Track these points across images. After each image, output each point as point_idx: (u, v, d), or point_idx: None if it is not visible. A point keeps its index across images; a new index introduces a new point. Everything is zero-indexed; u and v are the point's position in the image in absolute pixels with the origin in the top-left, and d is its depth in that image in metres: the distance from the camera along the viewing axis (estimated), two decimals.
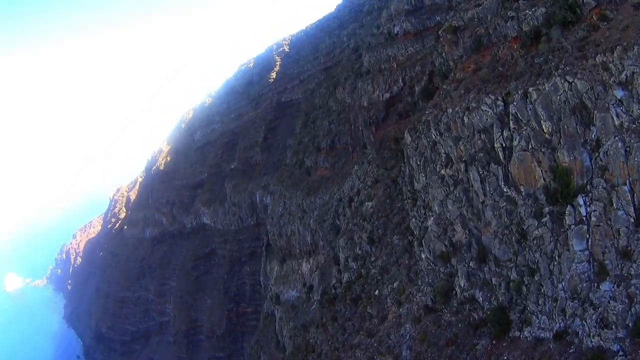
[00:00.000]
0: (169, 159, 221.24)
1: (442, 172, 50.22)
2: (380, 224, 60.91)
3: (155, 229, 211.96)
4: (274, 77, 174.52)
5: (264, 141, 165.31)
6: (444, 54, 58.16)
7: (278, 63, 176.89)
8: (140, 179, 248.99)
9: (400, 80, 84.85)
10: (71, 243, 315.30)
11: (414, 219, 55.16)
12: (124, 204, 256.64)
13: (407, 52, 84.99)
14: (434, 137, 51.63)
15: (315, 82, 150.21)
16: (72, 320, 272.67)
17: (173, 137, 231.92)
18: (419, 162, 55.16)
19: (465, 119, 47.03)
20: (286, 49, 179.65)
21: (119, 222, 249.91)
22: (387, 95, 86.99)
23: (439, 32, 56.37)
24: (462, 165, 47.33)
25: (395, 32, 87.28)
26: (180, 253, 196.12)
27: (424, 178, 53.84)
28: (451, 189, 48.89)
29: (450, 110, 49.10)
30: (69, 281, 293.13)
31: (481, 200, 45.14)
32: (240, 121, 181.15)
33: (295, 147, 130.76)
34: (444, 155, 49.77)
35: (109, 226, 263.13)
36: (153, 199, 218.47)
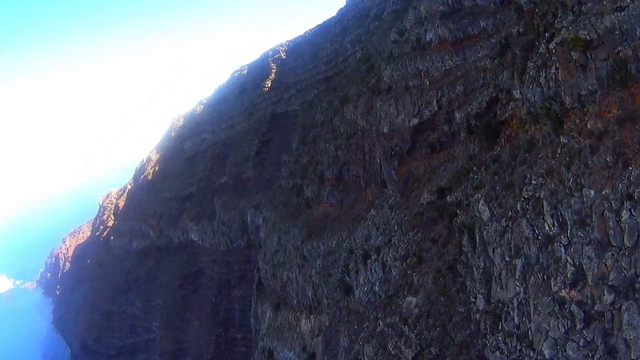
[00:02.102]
0: (157, 168, 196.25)
1: (563, 293, 26.49)
2: (433, 338, 36.77)
3: (142, 241, 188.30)
4: (269, 85, 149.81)
5: (256, 155, 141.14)
6: (542, 80, 34.05)
7: (274, 70, 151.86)
8: (129, 186, 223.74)
9: (435, 102, 60.83)
10: (60, 248, 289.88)
11: (498, 352, 31.29)
12: (112, 212, 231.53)
13: (444, 66, 60.92)
14: (548, 229, 27.86)
15: (314, 93, 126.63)
16: (61, 326, 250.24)
17: (162, 146, 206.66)
18: (508, 259, 31.44)
19: (624, 215, 23.54)
20: (282, 55, 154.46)
21: (107, 230, 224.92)
22: (416, 120, 63.01)
23: (550, 47, 32.21)
24: (609, 295, 23.81)
25: (428, 39, 63.09)
26: (167, 269, 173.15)
27: (519, 288, 30.06)
28: (579, 325, 25.30)
29: (592, 192, 25.42)
30: (58, 286, 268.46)
31: (634, 357, 22.11)
32: (232, 132, 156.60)
33: (291, 167, 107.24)
34: (572, 267, 25.95)
35: (97, 233, 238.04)
36: (140, 209, 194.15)
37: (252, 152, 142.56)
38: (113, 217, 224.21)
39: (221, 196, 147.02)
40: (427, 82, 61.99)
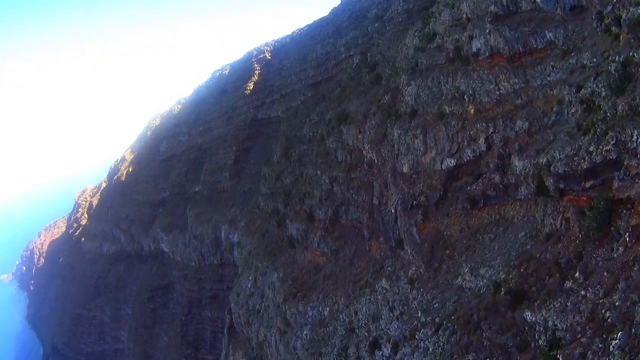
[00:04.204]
0: (131, 169, 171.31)
1: None
2: None
3: (112, 245, 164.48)
4: (251, 88, 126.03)
5: (234, 164, 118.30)
6: None
7: (257, 72, 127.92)
8: (104, 184, 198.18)
9: (482, 139, 38.69)
10: (35, 242, 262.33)
11: None
12: (86, 209, 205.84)
13: (498, 89, 38.64)
14: None
15: (301, 100, 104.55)
16: (34, 323, 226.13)
17: (137, 145, 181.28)
18: None
19: None
20: (267, 56, 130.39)
21: (80, 229, 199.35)
22: (452, 161, 40.86)
23: None
24: None
25: (474, 49, 40.74)
26: (137, 278, 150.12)
27: None
28: None
29: None
30: (32, 281, 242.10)
31: None
32: (209, 136, 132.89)
33: (272, 184, 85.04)
34: None
35: (70, 231, 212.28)
36: (112, 212, 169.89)
37: (229, 160, 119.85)
38: (87, 215, 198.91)
39: (194, 207, 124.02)
40: (472, 110, 39.80)
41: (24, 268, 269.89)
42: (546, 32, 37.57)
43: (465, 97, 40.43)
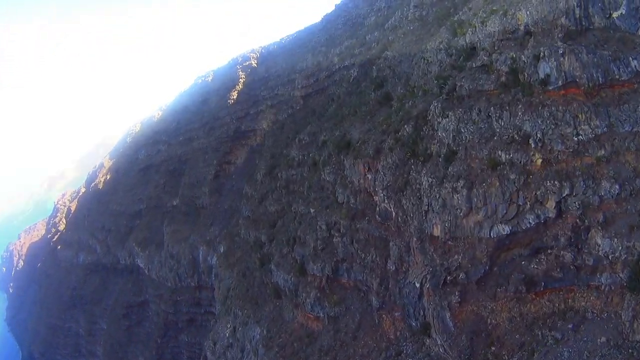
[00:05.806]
0: (108, 177, 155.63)
1: None
2: None
3: (88, 256, 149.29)
4: (235, 97, 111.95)
5: (214, 179, 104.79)
6: None
7: (242, 80, 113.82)
8: (83, 190, 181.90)
9: (552, 201, 25.65)
10: (15, 244, 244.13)
11: None
12: (64, 215, 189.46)
13: (576, 134, 25.62)
14: None
15: (288, 113, 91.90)
16: (13, 326, 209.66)
17: (116, 152, 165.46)
18: None
19: None
20: (253, 63, 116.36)
21: (58, 234, 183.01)
22: (506, 228, 27.82)
23: None
24: None
25: (540, 75, 27.52)
26: (113, 291, 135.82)
27: None
28: None
29: None
30: (11, 284, 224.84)
31: None
32: (189, 147, 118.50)
33: (254, 207, 71.99)
34: None
35: (48, 236, 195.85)
36: (89, 220, 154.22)
37: (209, 174, 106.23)
38: (64, 221, 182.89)
39: (171, 223, 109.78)
40: (539, 161, 26.50)
41: (4, 269, 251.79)
42: (630, 59, 24.90)
43: (530, 141, 27.17)
